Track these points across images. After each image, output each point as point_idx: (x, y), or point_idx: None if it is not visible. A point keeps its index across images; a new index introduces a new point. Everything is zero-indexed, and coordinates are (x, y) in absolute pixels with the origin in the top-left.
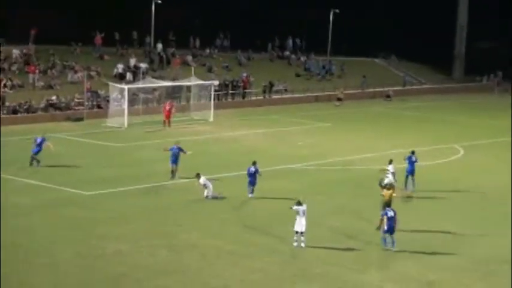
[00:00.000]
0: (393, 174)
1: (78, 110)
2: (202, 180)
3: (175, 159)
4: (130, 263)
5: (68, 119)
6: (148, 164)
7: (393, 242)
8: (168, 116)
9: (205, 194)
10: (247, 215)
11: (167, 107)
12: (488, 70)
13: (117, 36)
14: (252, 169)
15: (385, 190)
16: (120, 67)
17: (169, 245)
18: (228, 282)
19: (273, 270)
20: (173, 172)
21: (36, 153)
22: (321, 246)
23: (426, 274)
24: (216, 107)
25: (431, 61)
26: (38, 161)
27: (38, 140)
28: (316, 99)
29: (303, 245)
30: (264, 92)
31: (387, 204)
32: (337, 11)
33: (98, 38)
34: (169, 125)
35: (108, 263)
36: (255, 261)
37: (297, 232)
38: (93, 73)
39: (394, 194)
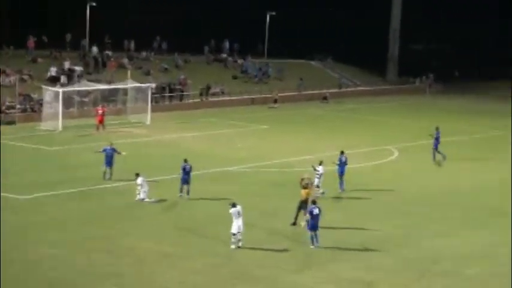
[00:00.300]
0: (321, 175)
1: (10, 113)
2: (139, 180)
3: (109, 161)
4: (66, 267)
5: None
6: (83, 168)
7: (317, 239)
8: (101, 120)
9: (140, 196)
10: (185, 217)
11: (99, 111)
12: (421, 72)
13: (46, 39)
14: (188, 166)
15: (302, 189)
16: (53, 70)
17: (107, 249)
18: (167, 284)
19: (212, 271)
20: (106, 174)
21: None
22: (258, 248)
23: (361, 275)
24: (153, 110)
25: (366, 63)
26: None
27: None
28: (253, 101)
29: (240, 244)
30: (201, 94)
31: (304, 202)
32: (273, 13)
33: (31, 41)
34: (103, 129)
35: (44, 268)
36: (193, 263)
37: (233, 234)
38: (25, 76)
39: (311, 193)
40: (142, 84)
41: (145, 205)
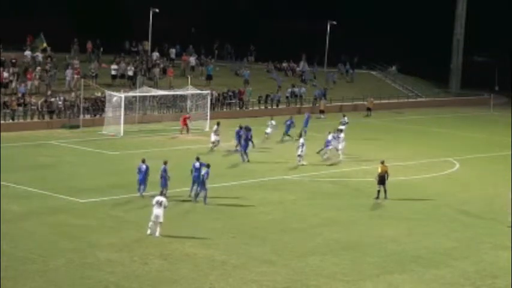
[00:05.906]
0: None
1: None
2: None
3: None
4: (122, 272)
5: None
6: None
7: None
8: (185, 124)
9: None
10: (240, 224)
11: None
12: (484, 84)
13: (110, 44)
14: (197, 164)
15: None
16: (114, 75)
17: (162, 255)
18: None
19: (267, 280)
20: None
21: None
22: (314, 257)
23: (415, 286)
24: (213, 117)
25: (428, 74)
26: None
27: None
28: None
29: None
30: (260, 102)
31: (381, 176)
32: (334, 22)
33: (89, 45)
34: (187, 132)
35: (100, 272)
36: (248, 271)
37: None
38: (89, 81)
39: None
40: (203, 91)
41: (200, 211)
